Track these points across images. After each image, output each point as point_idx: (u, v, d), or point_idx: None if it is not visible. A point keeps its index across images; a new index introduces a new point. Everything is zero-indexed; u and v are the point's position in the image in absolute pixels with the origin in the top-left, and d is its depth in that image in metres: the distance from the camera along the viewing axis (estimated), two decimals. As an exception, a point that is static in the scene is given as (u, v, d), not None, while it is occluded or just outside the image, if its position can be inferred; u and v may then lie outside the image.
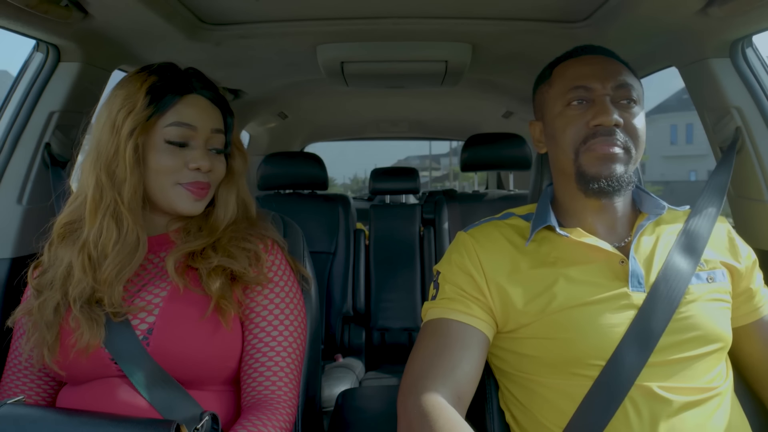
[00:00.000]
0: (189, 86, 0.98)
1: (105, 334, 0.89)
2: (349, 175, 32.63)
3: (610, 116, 0.90)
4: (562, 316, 0.87)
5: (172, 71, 0.99)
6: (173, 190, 0.96)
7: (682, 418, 0.83)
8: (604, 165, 0.91)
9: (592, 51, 1.00)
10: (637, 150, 0.93)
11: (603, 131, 0.91)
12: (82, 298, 0.91)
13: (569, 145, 0.94)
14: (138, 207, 0.95)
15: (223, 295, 0.94)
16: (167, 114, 0.95)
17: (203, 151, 0.97)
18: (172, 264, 0.94)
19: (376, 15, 1.41)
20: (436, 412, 0.79)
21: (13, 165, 1.28)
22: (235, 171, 1.05)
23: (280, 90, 2.35)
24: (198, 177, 0.97)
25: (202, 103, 0.99)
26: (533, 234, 0.95)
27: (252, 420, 0.88)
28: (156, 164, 0.95)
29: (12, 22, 1.10)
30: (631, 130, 0.93)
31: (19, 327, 1.00)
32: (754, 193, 1.25)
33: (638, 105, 0.95)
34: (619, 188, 0.91)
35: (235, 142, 1.06)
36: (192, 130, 0.96)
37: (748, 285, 0.97)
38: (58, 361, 0.90)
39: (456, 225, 2.38)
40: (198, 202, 0.99)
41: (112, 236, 0.92)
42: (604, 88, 0.93)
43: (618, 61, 0.99)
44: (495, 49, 1.67)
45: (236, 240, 1.00)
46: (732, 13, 1.10)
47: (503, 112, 2.85)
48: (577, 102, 0.94)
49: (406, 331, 2.40)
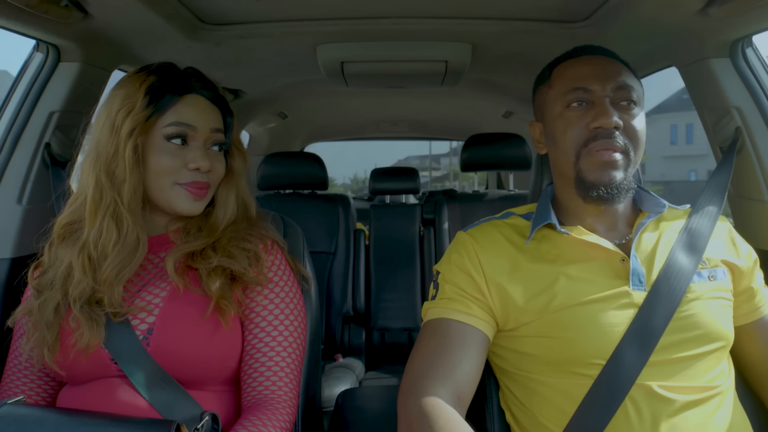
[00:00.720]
0: (188, 86, 0.98)
1: (105, 335, 0.89)
2: (349, 175, 32.64)
3: (610, 118, 0.90)
4: (562, 314, 0.87)
5: (171, 71, 0.99)
6: (173, 190, 0.96)
7: (683, 417, 0.82)
8: (603, 172, 0.90)
9: (591, 51, 1.00)
10: (636, 153, 0.93)
11: (603, 134, 0.90)
12: (82, 299, 0.91)
13: (570, 148, 0.94)
14: (138, 207, 0.95)
15: (223, 296, 0.94)
16: (166, 114, 0.95)
17: (202, 151, 0.97)
18: (171, 264, 0.94)
19: (376, 15, 1.41)
20: (436, 412, 0.79)
21: (13, 165, 1.28)
22: (235, 171, 1.05)
23: (280, 90, 2.35)
24: (197, 177, 0.97)
25: (201, 102, 0.99)
26: (534, 232, 0.95)
27: (252, 420, 0.88)
28: (155, 164, 0.95)
29: (12, 22, 1.10)
30: (630, 132, 0.92)
31: (19, 327, 1.00)
32: (754, 193, 1.25)
33: (638, 106, 0.95)
34: (619, 195, 0.91)
35: (235, 142, 1.06)
36: (191, 129, 0.96)
37: (749, 284, 0.97)
38: (58, 361, 0.90)
39: (456, 225, 2.38)
40: (197, 202, 0.98)
41: (112, 237, 0.92)
42: (604, 89, 0.93)
43: (618, 62, 0.98)
44: (495, 49, 1.67)
45: (236, 240, 1.00)
46: (732, 13, 1.10)
47: (503, 112, 2.85)
48: (577, 103, 0.94)
49: (406, 331, 2.41)
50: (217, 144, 1.00)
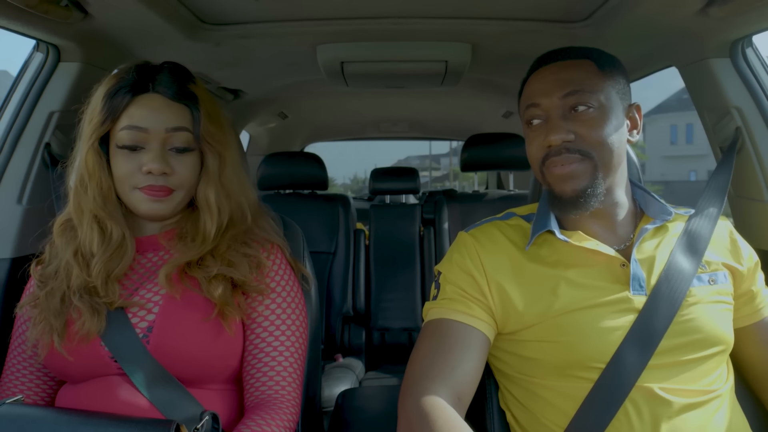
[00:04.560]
0: (144, 86, 0.94)
1: (105, 325, 0.90)
2: (349, 175, 32.66)
3: (554, 136, 0.89)
4: (563, 319, 0.87)
5: (135, 71, 0.95)
6: (132, 194, 0.95)
7: (683, 419, 0.82)
8: (565, 183, 0.90)
9: (551, 59, 0.96)
10: (600, 154, 0.89)
11: (553, 151, 0.90)
12: (81, 290, 0.92)
13: (535, 164, 0.95)
14: (116, 209, 0.96)
15: (226, 302, 0.94)
16: (121, 118, 0.93)
17: (156, 154, 0.92)
18: (164, 276, 0.93)
19: (376, 15, 1.41)
20: (435, 413, 0.79)
21: (13, 165, 1.28)
22: (210, 170, 0.98)
23: (280, 90, 2.35)
24: (150, 180, 0.93)
25: (155, 102, 0.94)
26: (534, 238, 0.95)
27: (256, 420, 0.88)
28: (115, 170, 0.95)
29: (12, 22, 1.10)
30: (587, 138, 0.89)
31: (19, 326, 1.01)
32: (754, 193, 1.25)
33: (596, 108, 0.90)
34: (587, 201, 0.90)
35: (206, 137, 0.97)
36: (143, 132, 0.92)
37: (749, 287, 0.97)
38: (67, 347, 0.90)
39: (456, 225, 2.38)
40: (158, 203, 0.94)
41: (95, 237, 0.94)
42: (551, 102, 0.91)
43: (579, 60, 0.94)
44: (495, 49, 1.67)
45: (236, 245, 0.99)
46: (732, 13, 1.10)
47: (503, 112, 2.86)
48: (535, 121, 0.94)
49: (406, 331, 2.40)
50: (176, 147, 0.95)
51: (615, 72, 0.94)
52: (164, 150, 0.94)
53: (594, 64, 0.94)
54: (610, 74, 0.93)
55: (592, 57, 0.95)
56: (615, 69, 0.95)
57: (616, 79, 0.94)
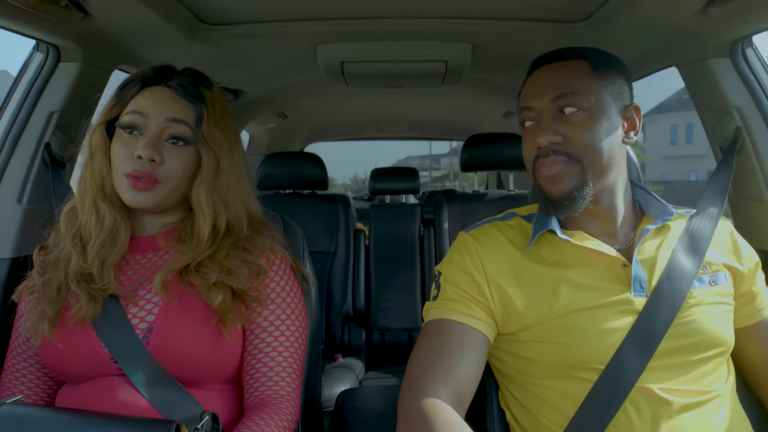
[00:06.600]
0: (157, 81, 0.98)
1: (101, 312, 0.91)
2: (349, 175, 32.66)
3: (542, 137, 0.90)
4: (563, 321, 0.87)
5: (156, 69, 1.00)
6: (120, 180, 0.95)
7: (683, 418, 0.83)
8: (552, 185, 0.91)
9: (546, 61, 0.97)
10: (589, 156, 0.89)
11: (542, 152, 0.91)
12: (78, 276, 0.93)
13: (528, 165, 0.96)
14: (112, 194, 0.97)
15: (227, 310, 0.93)
16: (128, 104, 0.97)
17: (149, 140, 0.93)
18: (159, 282, 0.93)
19: (376, 15, 1.41)
20: (435, 413, 0.79)
21: (13, 165, 1.28)
22: (204, 170, 0.98)
23: (280, 90, 2.35)
24: (137, 165, 0.93)
25: (163, 94, 0.97)
26: (534, 238, 0.95)
27: (255, 420, 0.89)
28: (112, 154, 0.97)
29: (12, 22, 1.10)
30: (575, 141, 0.89)
31: (18, 326, 1.01)
32: (754, 193, 1.25)
33: (586, 110, 0.90)
34: (575, 202, 0.90)
35: (207, 138, 0.97)
36: (143, 117, 0.95)
37: (750, 287, 0.97)
38: (58, 334, 0.91)
39: (456, 225, 2.38)
40: (139, 194, 0.94)
41: (92, 220, 0.96)
42: (542, 104, 0.92)
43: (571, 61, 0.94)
44: (495, 49, 1.67)
45: (236, 251, 0.98)
46: (732, 13, 1.10)
47: (503, 112, 2.85)
48: (528, 122, 0.95)
49: (406, 331, 2.40)
50: (173, 137, 0.95)
51: (610, 72, 0.93)
52: (159, 139, 0.95)
53: (588, 64, 0.93)
54: (605, 75, 0.93)
55: (587, 57, 0.94)
56: (611, 69, 0.94)
57: (610, 79, 0.93)
